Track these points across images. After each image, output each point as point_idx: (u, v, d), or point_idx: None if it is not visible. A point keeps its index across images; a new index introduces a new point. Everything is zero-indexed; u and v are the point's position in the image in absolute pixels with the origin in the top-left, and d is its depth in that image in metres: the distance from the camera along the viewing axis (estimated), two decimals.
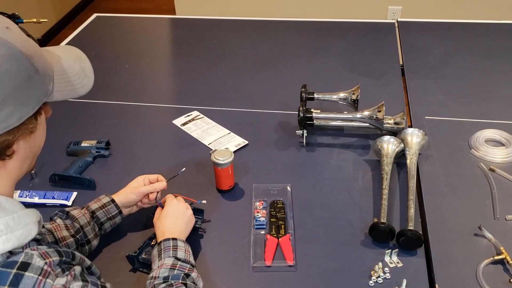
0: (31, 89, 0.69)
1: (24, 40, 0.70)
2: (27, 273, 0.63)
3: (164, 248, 0.99)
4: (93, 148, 1.44)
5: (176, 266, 0.94)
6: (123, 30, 2.35)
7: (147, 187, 1.16)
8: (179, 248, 0.99)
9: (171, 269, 0.93)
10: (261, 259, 1.10)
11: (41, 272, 0.65)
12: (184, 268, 0.95)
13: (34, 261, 0.65)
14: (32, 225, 0.69)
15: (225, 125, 1.56)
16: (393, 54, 1.96)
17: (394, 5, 3.03)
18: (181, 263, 0.95)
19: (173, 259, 0.96)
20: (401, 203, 1.23)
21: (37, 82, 0.70)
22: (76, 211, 1.08)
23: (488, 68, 1.82)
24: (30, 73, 0.69)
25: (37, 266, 0.65)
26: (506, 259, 1.05)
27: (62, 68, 0.77)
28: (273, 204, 1.24)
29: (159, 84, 1.87)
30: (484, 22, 2.19)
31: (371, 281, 1.03)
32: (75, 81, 0.78)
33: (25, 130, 0.70)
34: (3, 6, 2.41)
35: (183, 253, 0.99)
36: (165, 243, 1.00)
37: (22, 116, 0.68)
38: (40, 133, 0.76)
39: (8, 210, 0.67)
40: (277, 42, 2.12)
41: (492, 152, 1.37)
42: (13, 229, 0.65)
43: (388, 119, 1.45)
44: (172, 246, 0.99)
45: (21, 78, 0.67)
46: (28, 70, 0.68)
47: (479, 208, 1.21)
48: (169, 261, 0.95)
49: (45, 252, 0.67)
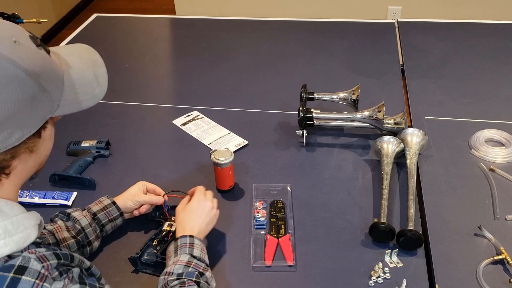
0: (34, 110, 0.66)
1: (33, 55, 0.66)
2: (24, 277, 0.63)
3: (181, 245, 0.99)
4: (93, 148, 1.44)
5: (191, 263, 0.94)
6: (123, 30, 2.35)
7: (145, 197, 1.15)
8: (196, 246, 0.99)
9: (186, 266, 0.93)
10: (261, 259, 1.10)
11: (38, 276, 0.64)
12: (199, 266, 0.95)
13: (31, 265, 0.64)
14: (31, 228, 0.68)
15: (225, 125, 1.56)
16: (393, 54, 1.96)
17: (394, 5, 3.03)
18: (196, 261, 0.96)
19: (189, 256, 0.96)
20: (401, 203, 1.24)
21: (43, 101, 0.67)
22: (77, 212, 1.08)
23: (488, 68, 1.82)
24: (35, 94, 0.65)
25: (34, 269, 0.64)
26: (506, 259, 1.05)
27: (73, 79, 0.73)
28: (273, 204, 1.24)
29: (159, 84, 1.87)
30: (484, 22, 2.19)
31: (371, 281, 1.03)
32: (86, 91, 0.75)
33: (25, 149, 0.68)
34: (3, 6, 2.41)
35: (199, 252, 0.99)
36: (182, 239, 1.00)
37: (22, 135, 0.65)
38: (46, 145, 0.73)
39: (7, 213, 0.66)
40: (277, 42, 2.12)
41: (492, 152, 1.37)
42: (11, 234, 0.64)
43: (388, 119, 1.45)
44: (189, 243, 0.99)
45: (24, 100, 0.64)
46: (32, 91, 0.65)
47: (479, 208, 1.21)
48: (184, 258, 0.95)
49: (43, 255, 0.67)
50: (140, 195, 1.15)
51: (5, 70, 0.62)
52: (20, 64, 0.63)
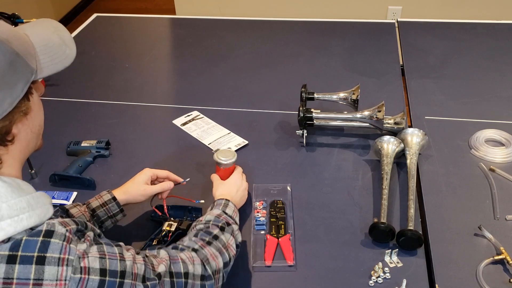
0: (15, 73, 0.70)
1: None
2: (53, 239, 0.67)
3: (216, 203, 1.08)
4: (93, 148, 1.44)
5: (221, 216, 1.03)
6: (123, 30, 2.35)
7: (156, 188, 1.15)
8: (229, 207, 1.08)
9: (216, 217, 1.02)
10: (261, 259, 1.10)
11: (65, 238, 0.68)
12: (229, 220, 1.03)
13: (57, 229, 0.69)
14: (48, 205, 0.73)
15: (225, 125, 1.56)
16: (393, 54, 1.96)
17: (394, 5, 3.03)
18: (227, 216, 1.04)
19: (221, 211, 1.04)
20: (401, 203, 1.23)
21: (20, 64, 0.71)
22: (76, 209, 1.06)
23: (488, 68, 1.82)
24: (11, 58, 0.70)
25: (61, 232, 0.68)
26: (506, 259, 1.05)
27: (42, 44, 0.77)
28: (273, 204, 1.24)
29: (159, 84, 1.87)
30: (484, 22, 2.19)
31: (371, 281, 1.03)
32: (58, 53, 0.79)
33: (20, 113, 0.72)
34: (3, 6, 2.41)
35: (231, 211, 1.07)
36: (219, 201, 1.09)
37: (13, 100, 0.70)
38: (37, 112, 0.77)
39: (26, 190, 0.71)
40: (277, 42, 2.12)
41: (492, 152, 1.37)
42: (33, 207, 0.69)
43: (388, 119, 1.45)
44: (224, 203, 1.08)
45: (3, 65, 0.68)
46: (8, 55, 0.69)
47: (479, 208, 1.21)
48: (217, 211, 1.04)
49: (64, 221, 0.71)
50: (149, 188, 1.14)
51: None
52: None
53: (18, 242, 0.66)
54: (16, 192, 0.69)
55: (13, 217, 0.66)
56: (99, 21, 2.41)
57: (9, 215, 0.66)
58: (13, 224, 0.66)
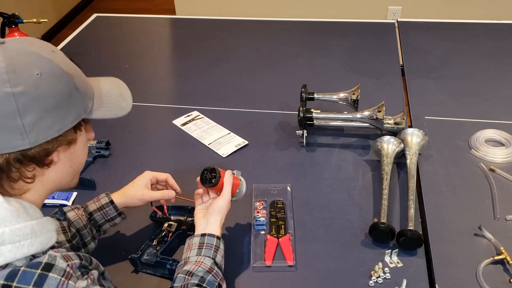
0: (71, 105, 0.73)
1: (67, 62, 0.75)
2: (51, 274, 0.65)
3: (207, 244, 0.97)
4: (93, 148, 1.44)
5: (213, 271, 0.93)
6: (123, 30, 2.35)
7: (156, 195, 1.12)
8: (219, 251, 0.98)
9: (207, 272, 0.92)
10: (261, 259, 1.10)
11: (64, 273, 0.67)
12: (218, 275, 0.94)
13: (57, 263, 0.67)
14: (52, 232, 0.72)
15: (225, 125, 1.56)
16: (393, 54, 1.96)
17: (394, 5, 3.03)
18: (217, 269, 0.95)
19: (212, 262, 0.95)
20: (401, 203, 1.24)
21: (77, 99, 0.75)
22: (73, 212, 1.05)
23: (488, 68, 1.82)
24: (71, 91, 0.73)
25: (61, 267, 0.67)
26: (506, 259, 1.05)
27: (101, 92, 0.82)
28: (273, 204, 1.24)
29: (159, 84, 1.87)
30: (484, 22, 2.19)
31: (371, 281, 1.03)
32: (114, 103, 0.85)
33: (64, 141, 0.74)
34: (3, 6, 2.41)
35: (220, 258, 0.98)
36: (210, 239, 0.98)
37: (61, 128, 0.72)
38: (80, 149, 0.79)
39: (32, 215, 0.70)
40: (277, 42, 2.12)
41: (492, 152, 1.37)
42: (37, 234, 0.68)
43: (388, 119, 1.45)
44: (215, 245, 0.98)
45: (63, 94, 0.72)
46: (69, 87, 0.73)
47: (479, 208, 1.21)
48: (208, 262, 0.94)
49: (67, 255, 0.70)
50: (147, 194, 1.11)
51: (47, 66, 0.71)
52: (58, 64, 0.73)
53: (15, 272, 0.64)
54: (22, 217, 0.68)
55: (15, 242, 0.65)
56: (99, 21, 2.41)
57: (10, 241, 0.64)
58: (14, 250, 0.64)
